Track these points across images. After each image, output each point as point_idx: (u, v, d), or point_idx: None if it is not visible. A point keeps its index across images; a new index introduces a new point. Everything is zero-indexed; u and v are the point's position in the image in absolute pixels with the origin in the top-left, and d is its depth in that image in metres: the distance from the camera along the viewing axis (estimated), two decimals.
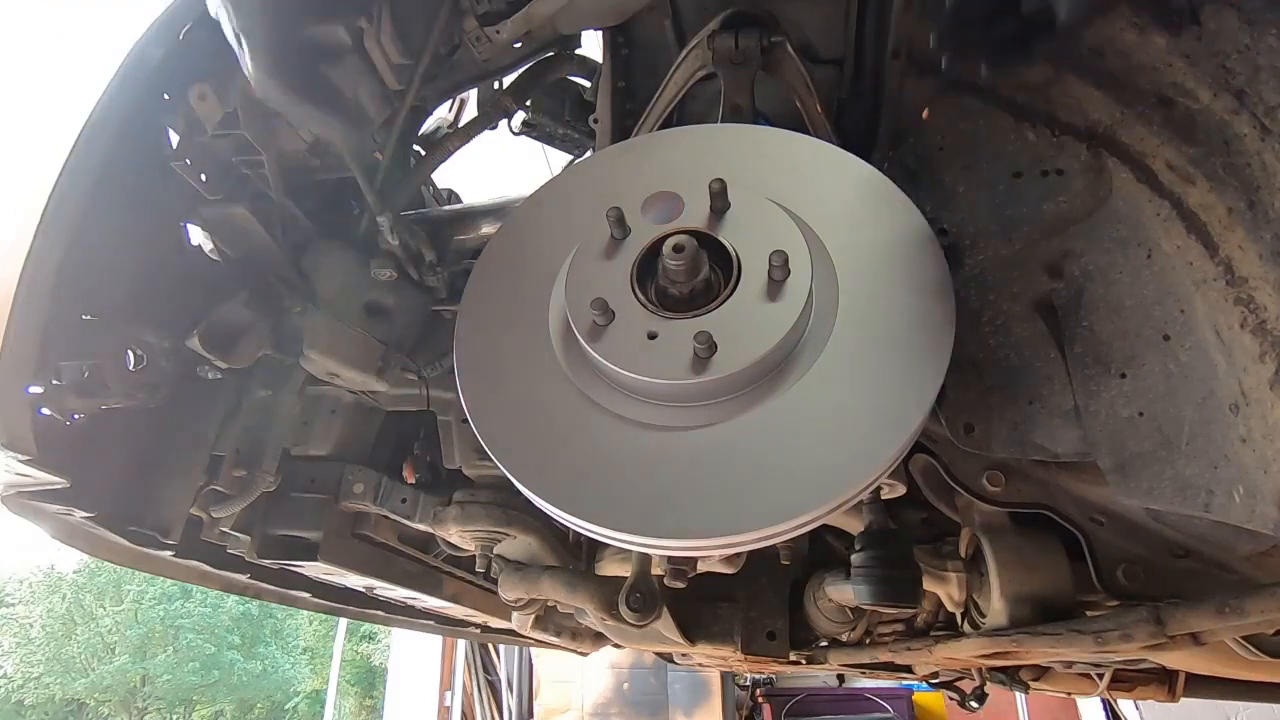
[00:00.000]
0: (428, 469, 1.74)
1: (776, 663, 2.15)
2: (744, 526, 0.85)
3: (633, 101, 1.55)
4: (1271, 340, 0.81)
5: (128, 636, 21.45)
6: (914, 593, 1.34)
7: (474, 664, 7.15)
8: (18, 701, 20.67)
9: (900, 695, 7.82)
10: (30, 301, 0.93)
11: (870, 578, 1.34)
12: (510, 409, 0.97)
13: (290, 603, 2.05)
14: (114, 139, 1.01)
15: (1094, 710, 6.23)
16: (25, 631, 21.28)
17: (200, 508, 1.41)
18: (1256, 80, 0.82)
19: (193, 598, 22.39)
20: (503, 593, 1.85)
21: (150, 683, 21.63)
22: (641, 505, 0.88)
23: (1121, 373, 1.01)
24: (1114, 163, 1.03)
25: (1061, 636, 1.19)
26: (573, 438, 0.93)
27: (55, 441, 1.02)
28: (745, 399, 0.89)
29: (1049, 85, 1.09)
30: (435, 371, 1.58)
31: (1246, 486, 0.84)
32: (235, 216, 1.25)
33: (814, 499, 0.85)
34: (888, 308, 0.91)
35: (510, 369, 0.98)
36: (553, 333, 0.97)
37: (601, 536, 0.91)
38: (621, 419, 0.90)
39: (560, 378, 0.95)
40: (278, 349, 1.36)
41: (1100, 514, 1.20)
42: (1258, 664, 1.31)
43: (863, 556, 1.36)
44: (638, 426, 0.88)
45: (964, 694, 3.03)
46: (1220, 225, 0.88)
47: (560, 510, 0.90)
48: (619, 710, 6.28)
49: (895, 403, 0.87)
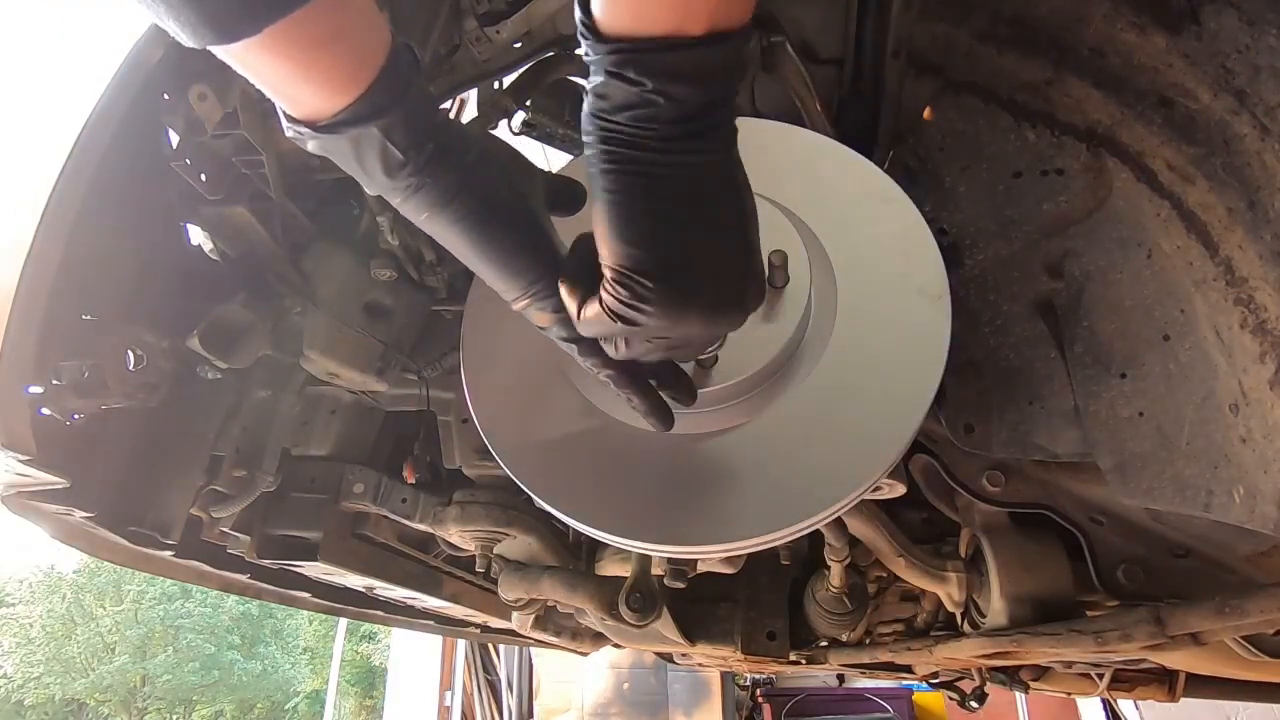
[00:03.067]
0: (428, 469, 1.74)
1: (776, 663, 2.15)
2: (744, 532, 0.85)
3: None
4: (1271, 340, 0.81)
5: (128, 636, 21.45)
6: None
7: (474, 664, 7.16)
8: (18, 702, 20.67)
9: (900, 695, 7.83)
10: (30, 301, 0.93)
11: None
12: (513, 410, 0.97)
13: (290, 603, 2.05)
14: (114, 139, 1.01)
15: (1094, 710, 6.23)
16: (25, 631, 21.28)
17: (200, 508, 1.41)
18: (1256, 80, 0.82)
19: (193, 598, 22.39)
20: (503, 593, 1.85)
21: (150, 683, 21.63)
22: (642, 508, 0.88)
23: (1121, 373, 1.01)
24: (1114, 163, 1.03)
25: (1061, 636, 1.20)
26: (575, 440, 0.93)
27: (55, 441, 1.02)
28: (746, 405, 0.89)
29: (1049, 85, 1.09)
30: (435, 371, 1.58)
31: (1246, 486, 0.84)
32: (235, 216, 1.25)
33: (813, 503, 0.85)
34: (886, 308, 0.91)
35: (514, 371, 0.99)
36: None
37: (602, 538, 0.92)
38: (623, 424, 0.90)
39: (562, 379, 0.95)
40: (278, 349, 1.36)
41: (1100, 514, 1.20)
42: (1258, 664, 1.31)
43: None
44: (639, 431, 0.88)
45: (964, 694, 3.04)
46: (1220, 225, 0.88)
47: (561, 512, 0.91)
48: (619, 710, 6.28)
49: (894, 404, 0.87)
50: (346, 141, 0.63)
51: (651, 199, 0.59)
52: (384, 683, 8.97)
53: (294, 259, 1.36)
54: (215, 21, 0.53)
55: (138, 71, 1.02)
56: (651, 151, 0.57)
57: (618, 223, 0.60)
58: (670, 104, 0.55)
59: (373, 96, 0.61)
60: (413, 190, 0.66)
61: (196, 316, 1.22)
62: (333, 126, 0.61)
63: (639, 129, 0.57)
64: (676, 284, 0.62)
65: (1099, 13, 1.00)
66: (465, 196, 0.67)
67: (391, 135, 0.63)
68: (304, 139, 0.63)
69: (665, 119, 0.56)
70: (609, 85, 0.56)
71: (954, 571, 1.56)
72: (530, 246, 0.71)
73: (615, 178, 0.59)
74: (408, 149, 0.64)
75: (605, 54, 0.55)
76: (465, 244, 0.69)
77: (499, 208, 0.70)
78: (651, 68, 0.54)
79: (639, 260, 0.61)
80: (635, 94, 0.55)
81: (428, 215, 0.68)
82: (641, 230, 0.60)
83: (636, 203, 0.59)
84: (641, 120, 0.56)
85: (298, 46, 0.57)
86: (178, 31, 0.53)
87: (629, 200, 0.59)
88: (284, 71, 0.58)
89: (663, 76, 0.54)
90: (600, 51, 0.55)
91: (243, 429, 1.43)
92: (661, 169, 0.58)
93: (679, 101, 0.55)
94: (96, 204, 1.00)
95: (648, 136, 0.57)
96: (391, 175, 0.65)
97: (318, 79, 0.59)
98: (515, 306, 0.74)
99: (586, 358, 0.76)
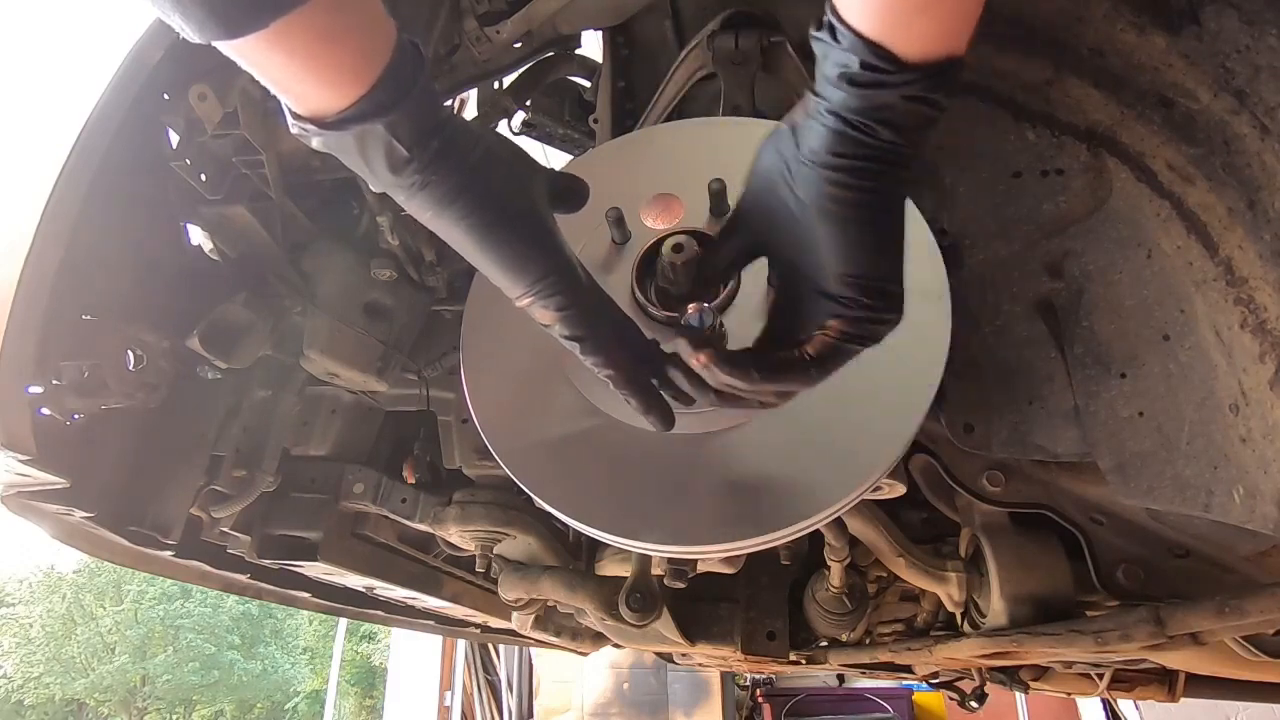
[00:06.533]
0: (428, 469, 1.74)
1: (776, 663, 2.14)
2: (744, 532, 0.85)
3: (633, 101, 1.55)
4: (1271, 340, 0.81)
5: (128, 636, 21.45)
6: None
7: (474, 664, 7.16)
8: (17, 701, 20.67)
9: (900, 695, 7.82)
10: (30, 301, 0.93)
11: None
12: (513, 410, 0.97)
13: (290, 603, 2.05)
14: (114, 139, 1.01)
15: (1094, 710, 6.23)
16: (25, 631, 21.28)
17: (200, 508, 1.41)
18: (1256, 80, 0.82)
19: (193, 598, 22.39)
20: (503, 593, 1.85)
21: (150, 683, 21.63)
22: (642, 508, 0.88)
23: (1121, 373, 1.01)
24: (1114, 163, 1.03)
25: (1061, 636, 1.20)
26: (575, 440, 0.93)
27: (55, 441, 1.02)
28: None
29: (1049, 85, 1.09)
30: (435, 371, 1.58)
31: (1246, 486, 0.84)
32: (235, 216, 1.25)
33: (813, 503, 0.85)
34: None
35: (514, 370, 0.99)
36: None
37: (602, 538, 0.92)
38: (623, 424, 0.90)
39: (562, 378, 0.95)
40: (278, 349, 1.36)
41: (1100, 514, 1.20)
42: (1258, 664, 1.31)
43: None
44: (640, 431, 0.88)
45: (964, 694, 3.03)
46: (1220, 225, 0.88)
47: (561, 512, 0.91)
48: (619, 710, 6.28)
49: (894, 404, 0.87)
50: (351, 138, 0.63)
51: (900, 212, 0.66)
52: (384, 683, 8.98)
53: (294, 259, 1.36)
54: (221, 16, 0.53)
55: (138, 71, 1.02)
56: (906, 168, 0.63)
57: (884, 235, 0.66)
58: (937, 120, 0.61)
59: (378, 93, 0.61)
60: (418, 187, 0.66)
61: (196, 316, 1.22)
62: (338, 123, 0.61)
63: (901, 148, 0.61)
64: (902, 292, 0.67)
65: (1099, 13, 1.00)
66: (470, 194, 0.67)
67: (396, 132, 0.63)
68: (308, 136, 0.63)
69: (927, 136, 0.62)
70: (905, 108, 0.59)
71: (954, 571, 1.56)
72: (534, 244, 0.71)
73: (877, 195, 0.64)
74: (413, 146, 0.64)
75: (905, 81, 0.58)
76: (469, 241, 0.70)
77: (503, 205, 0.70)
78: (949, 88, 0.59)
79: (894, 268, 0.66)
80: (927, 114, 0.60)
81: (432, 213, 0.68)
82: (896, 240, 0.66)
83: (895, 216, 0.66)
84: (908, 139, 0.61)
85: (303, 42, 0.57)
86: (183, 26, 0.53)
87: (891, 216, 0.65)
88: (289, 68, 0.58)
89: (948, 94, 0.59)
90: (900, 80, 0.58)
91: (243, 429, 1.43)
92: (905, 185, 0.65)
93: (939, 117, 0.61)
94: (97, 204, 1.00)
95: (909, 155, 0.62)
96: (396, 172, 0.65)
97: (323, 75, 0.60)
98: (519, 304, 0.74)
99: (588, 356, 0.76)
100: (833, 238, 0.65)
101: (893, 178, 0.63)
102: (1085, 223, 1.06)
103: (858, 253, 0.65)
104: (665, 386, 0.81)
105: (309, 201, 1.38)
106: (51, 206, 0.96)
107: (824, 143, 0.62)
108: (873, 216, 0.64)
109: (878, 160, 0.62)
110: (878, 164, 0.62)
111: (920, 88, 0.58)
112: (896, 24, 0.57)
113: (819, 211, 0.65)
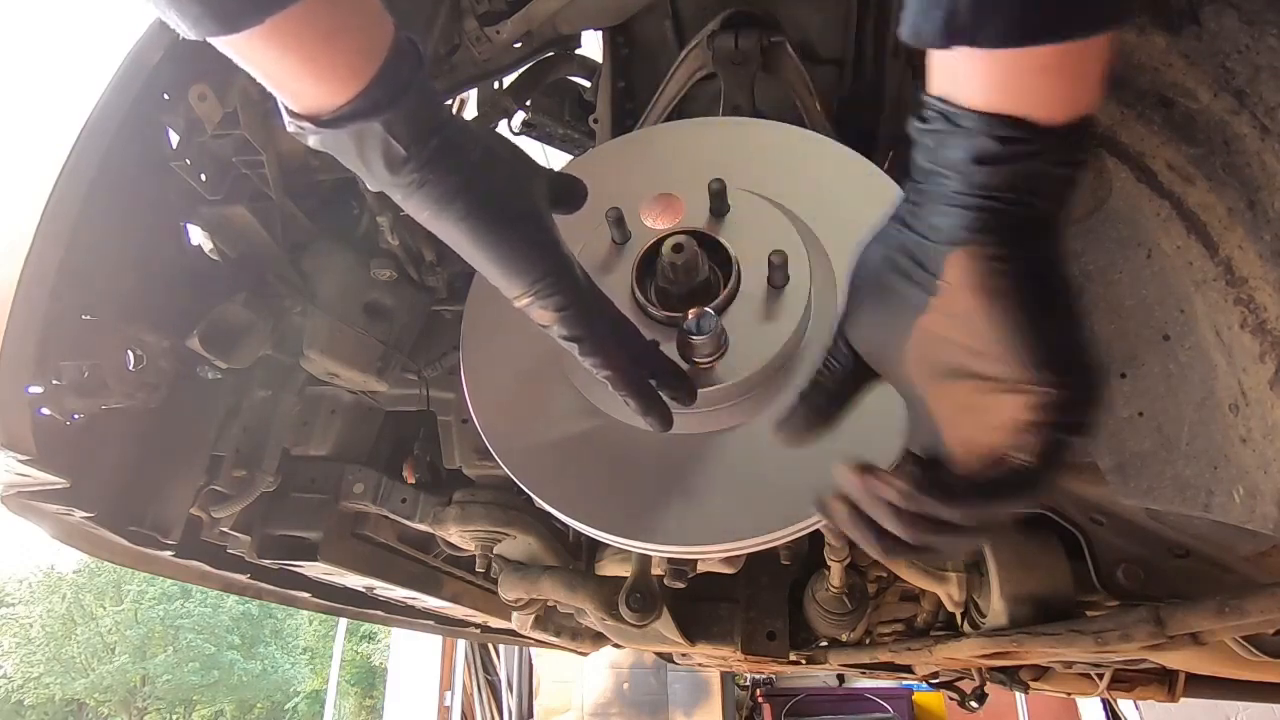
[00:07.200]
0: (428, 469, 1.74)
1: (776, 663, 2.15)
2: (744, 532, 0.85)
3: (633, 101, 1.55)
4: (1271, 340, 0.81)
5: (128, 636, 21.45)
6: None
7: (474, 664, 7.16)
8: (17, 701, 20.67)
9: (900, 695, 7.82)
10: (30, 301, 0.93)
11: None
12: (513, 410, 0.97)
13: (290, 603, 2.05)
14: (114, 139, 1.01)
15: (1094, 710, 6.23)
16: (25, 631, 21.28)
17: (200, 508, 1.41)
18: (1256, 80, 0.82)
19: (193, 598, 22.39)
20: (503, 593, 1.85)
21: (150, 683, 21.63)
22: (642, 508, 0.88)
23: (1121, 373, 1.01)
24: (1114, 162, 1.03)
25: (1061, 636, 1.20)
26: (575, 440, 0.93)
27: (55, 441, 1.02)
28: (745, 405, 0.89)
29: None
30: (435, 371, 1.58)
31: (1246, 486, 0.84)
32: (235, 216, 1.25)
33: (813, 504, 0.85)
34: None
35: (514, 370, 0.99)
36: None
37: (602, 538, 0.92)
38: (623, 424, 0.90)
39: (561, 378, 0.95)
40: (278, 349, 1.36)
41: (1100, 514, 1.20)
42: (1258, 664, 1.31)
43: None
44: (639, 431, 0.88)
45: (964, 694, 3.03)
46: (1220, 225, 0.88)
47: (561, 512, 0.91)
48: (619, 710, 6.28)
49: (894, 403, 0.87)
50: (349, 137, 0.62)
51: (1067, 276, 0.57)
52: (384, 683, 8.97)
53: (294, 259, 1.36)
54: (218, 12, 0.52)
55: (138, 71, 1.02)
56: (1057, 229, 0.56)
57: (1063, 305, 0.56)
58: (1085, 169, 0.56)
59: (375, 91, 0.60)
60: (415, 187, 0.66)
61: (196, 316, 1.22)
62: (335, 121, 0.61)
63: (1055, 211, 0.55)
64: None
65: None
66: (468, 193, 0.67)
67: (394, 130, 0.62)
68: (305, 134, 0.63)
69: (1075, 193, 0.56)
70: (1056, 174, 0.53)
71: (954, 571, 1.56)
72: (533, 244, 0.71)
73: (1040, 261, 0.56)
74: (410, 145, 0.63)
75: (1049, 148, 0.52)
76: (468, 241, 0.69)
77: (502, 205, 0.69)
78: (1085, 148, 0.54)
79: (1079, 347, 0.56)
80: (1067, 175, 0.54)
81: (430, 212, 0.68)
82: (1072, 313, 0.56)
83: (1060, 291, 0.56)
84: (1060, 201, 0.55)
85: (299, 39, 0.56)
86: (178, 23, 0.53)
87: (1062, 280, 0.56)
88: (286, 65, 0.58)
89: (1085, 153, 0.54)
90: (1039, 147, 0.52)
91: (243, 429, 1.43)
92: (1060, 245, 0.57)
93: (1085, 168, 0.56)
94: (97, 204, 1.00)
95: (1059, 216, 0.56)
96: (394, 171, 0.64)
97: (320, 72, 0.59)
98: (518, 304, 0.74)
99: (587, 357, 0.76)
100: (1009, 323, 0.55)
101: (1049, 244, 0.56)
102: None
103: (1042, 329, 0.55)
104: (664, 386, 0.81)
105: (309, 201, 1.38)
106: (51, 206, 0.96)
107: (968, 223, 0.55)
108: (1041, 286, 0.56)
109: (1033, 226, 0.55)
110: (1033, 230, 0.55)
111: (1065, 150, 0.53)
112: (1023, 91, 0.51)
113: (979, 296, 0.56)
